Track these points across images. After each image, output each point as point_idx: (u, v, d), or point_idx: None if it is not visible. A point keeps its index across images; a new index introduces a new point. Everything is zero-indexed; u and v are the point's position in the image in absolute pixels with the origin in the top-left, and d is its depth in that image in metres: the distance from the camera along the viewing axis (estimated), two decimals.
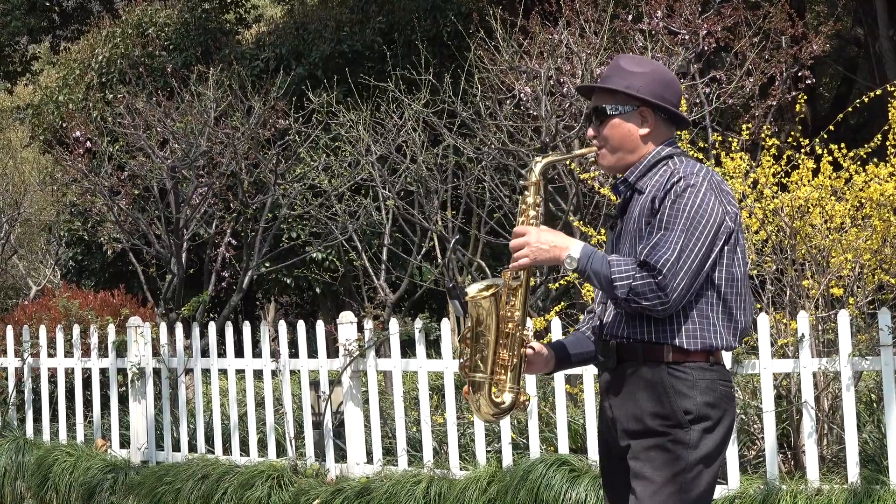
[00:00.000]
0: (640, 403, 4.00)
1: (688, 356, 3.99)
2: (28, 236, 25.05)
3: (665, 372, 3.98)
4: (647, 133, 4.18)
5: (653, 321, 3.99)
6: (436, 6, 21.84)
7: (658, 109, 4.18)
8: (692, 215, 3.93)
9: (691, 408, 3.96)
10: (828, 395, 8.16)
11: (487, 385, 4.17)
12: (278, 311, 28.08)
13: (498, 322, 4.14)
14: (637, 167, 4.18)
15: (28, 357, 11.42)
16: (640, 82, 4.17)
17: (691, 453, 3.95)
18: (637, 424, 4.00)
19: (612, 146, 4.21)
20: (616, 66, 4.27)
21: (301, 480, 9.21)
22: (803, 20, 12.94)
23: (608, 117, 4.20)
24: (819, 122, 20.93)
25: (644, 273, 3.89)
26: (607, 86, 4.22)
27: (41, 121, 23.12)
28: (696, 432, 3.95)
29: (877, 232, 7.97)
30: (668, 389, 3.96)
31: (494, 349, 4.15)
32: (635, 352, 4.03)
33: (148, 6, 24.06)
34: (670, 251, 3.88)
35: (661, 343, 3.99)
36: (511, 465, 8.40)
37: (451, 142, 11.89)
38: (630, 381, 4.04)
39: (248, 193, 12.72)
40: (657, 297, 3.87)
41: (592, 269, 3.98)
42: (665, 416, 3.95)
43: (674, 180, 3.99)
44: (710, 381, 4.01)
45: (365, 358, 9.26)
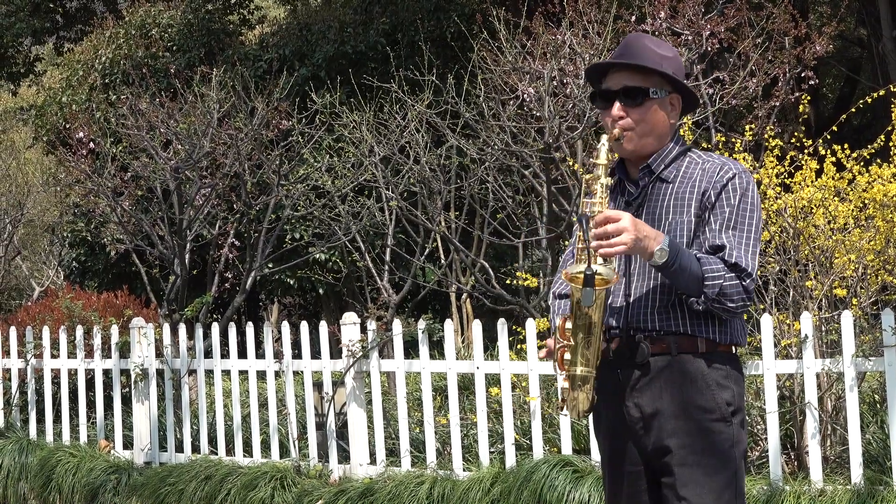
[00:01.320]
0: (680, 398, 3.88)
1: (717, 348, 3.92)
2: (31, 237, 25.07)
3: (703, 363, 3.89)
4: (674, 121, 4.09)
5: (687, 313, 3.91)
6: (439, 7, 21.84)
7: (684, 97, 4.10)
8: (758, 216, 3.90)
9: (731, 399, 3.90)
10: (831, 396, 8.16)
11: (592, 380, 3.93)
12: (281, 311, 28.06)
13: (602, 315, 3.90)
14: (660, 156, 4.05)
15: (31, 358, 11.43)
16: (672, 68, 4.05)
17: (736, 450, 3.91)
18: (678, 421, 3.87)
19: (643, 129, 4.03)
20: (642, 45, 4.08)
21: (304, 481, 9.22)
22: (806, 21, 12.92)
23: (649, 100, 4.02)
24: (822, 123, 20.92)
25: (733, 275, 3.82)
26: (650, 65, 4.02)
27: (44, 122, 23.13)
28: (736, 426, 3.90)
29: (880, 233, 7.97)
30: (709, 382, 3.88)
31: (599, 342, 3.91)
32: (668, 344, 3.91)
33: (151, 7, 24.07)
34: (751, 255, 3.85)
35: (694, 335, 3.90)
36: (514, 466, 8.39)
37: (454, 143, 11.89)
38: (664, 376, 3.91)
39: (251, 194, 12.73)
40: (742, 300, 3.85)
41: (681, 265, 3.79)
42: (709, 409, 3.86)
43: (728, 175, 3.91)
44: (738, 373, 3.97)
45: (368, 359, 9.26)
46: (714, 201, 3.89)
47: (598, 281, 3.79)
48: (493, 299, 11.95)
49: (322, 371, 9.58)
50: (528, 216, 12.52)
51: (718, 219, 3.88)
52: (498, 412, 9.47)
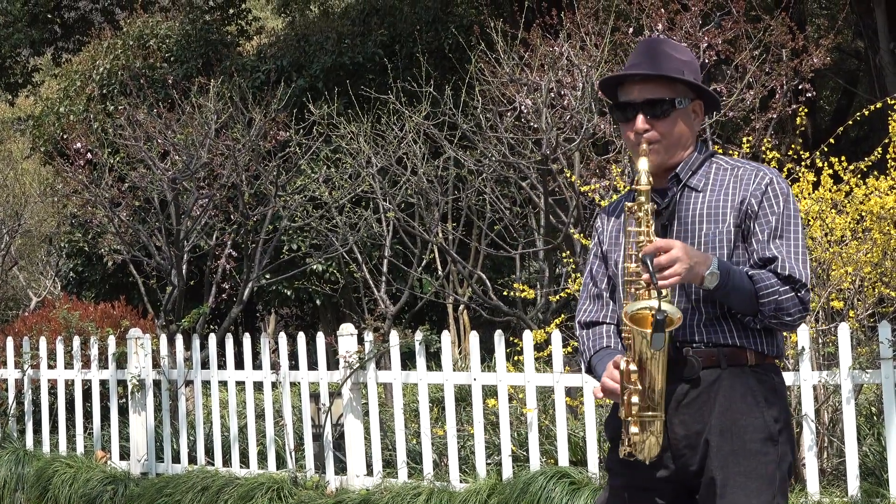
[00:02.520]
0: (728, 414, 3.71)
1: (765, 359, 3.79)
2: (28, 247, 25.05)
3: (752, 378, 3.75)
4: (698, 129, 3.94)
5: (734, 325, 3.76)
6: (437, 19, 21.88)
7: (708, 102, 3.96)
8: (800, 222, 3.78)
9: (778, 415, 3.74)
10: (828, 408, 8.16)
11: (660, 423, 3.72)
12: (278, 322, 28.07)
13: (667, 354, 3.69)
14: (687, 164, 3.88)
15: (28, 368, 11.42)
16: (693, 73, 3.89)
17: (781, 469, 3.72)
18: (723, 438, 3.70)
19: (670, 141, 3.86)
20: (661, 51, 3.92)
21: (301, 493, 9.21)
22: (804, 33, 12.93)
23: (675, 111, 3.85)
24: (819, 135, 20.93)
25: (787, 287, 3.68)
26: (676, 75, 3.86)
27: (42, 132, 23.14)
28: (784, 444, 3.74)
29: (877, 245, 7.97)
30: (758, 399, 3.72)
31: (663, 384, 3.71)
32: (717, 358, 3.75)
33: (149, 18, 24.11)
34: (802, 264, 3.72)
35: (743, 347, 3.75)
36: (511, 478, 8.39)
37: (451, 154, 11.90)
38: (713, 390, 3.74)
39: (248, 205, 12.73)
40: (799, 311, 3.70)
41: (733, 285, 3.64)
42: (759, 429, 3.69)
43: (766, 182, 3.77)
44: (783, 385, 3.84)
45: (365, 370, 9.26)
46: (757, 210, 3.75)
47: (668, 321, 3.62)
48: (490, 311, 11.96)
49: (319, 382, 9.57)
50: (526, 228, 12.53)
51: (765, 228, 3.74)
52: (495, 424, 9.47)
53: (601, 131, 10.71)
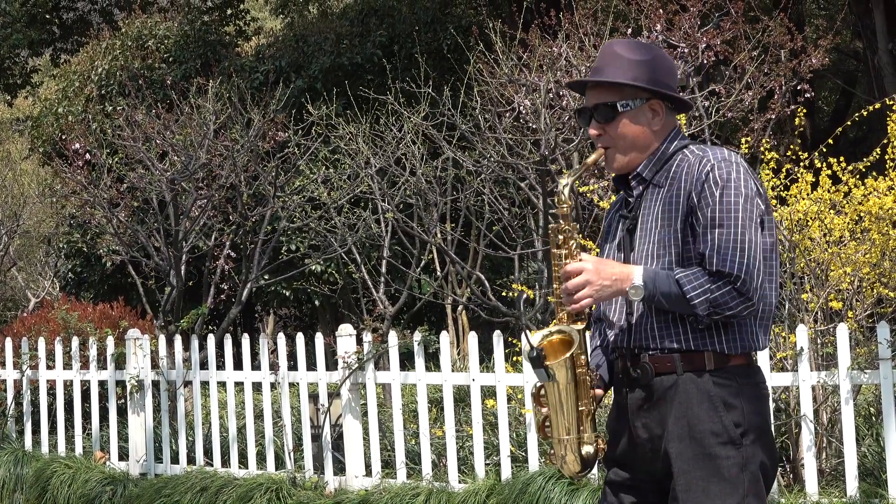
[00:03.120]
0: (685, 420, 3.69)
1: (728, 361, 3.71)
2: (27, 248, 25.06)
3: (710, 382, 3.69)
4: (659, 128, 3.87)
5: (691, 327, 3.71)
6: (436, 19, 21.89)
7: (667, 100, 3.88)
8: (745, 206, 3.66)
9: (739, 419, 3.67)
10: (826, 409, 8.16)
11: (577, 443, 3.84)
12: (277, 323, 28.08)
13: (576, 375, 3.81)
14: (651, 161, 3.86)
15: (27, 369, 11.41)
16: (646, 72, 3.83)
17: (747, 473, 3.66)
18: (682, 444, 3.69)
19: (623, 146, 3.87)
20: (612, 53, 3.90)
21: (300, 493, 9.21)
22: (802, 34, 12.95)
23: (619, 115, 3.85)
24: (818, 136, 20.94)
25: (720, 283, 3.61)
26: (616, 80, 3.85)
27: (41, 133, 23.14)
28: (748, 447, 3.67)
29: (875, 245, 7.98)
30: (716, 403, 3.67)
31: (576, 404, 3.81)
32: (673, 362, 3.72)
33: (148, 19, 24.11)
34: (738, 252, 3.61)
35: (700, 350, 3.70)
36: (510, 478, 8.39)
37: (450, 154, 11.90)
38: (669, 396, 3.73)
39: (247, 206, 12.72)
40: (741, 303, 3.62)
41: (661, 293, 3.64)
42: (717, 433, 3.65)
43: (707, 169, 3.69)
44: (753, 386, 3.74)
45: (364, 370, 9.26)
46: (698, 201, 3.70)
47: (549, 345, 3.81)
48: (488, 311, 11.95)
49: (318, 383, 9.57)
50: (524, 228, 12.53)
51: (702, 221, 3.68)
52: (494, 424, 9.47)
53: None
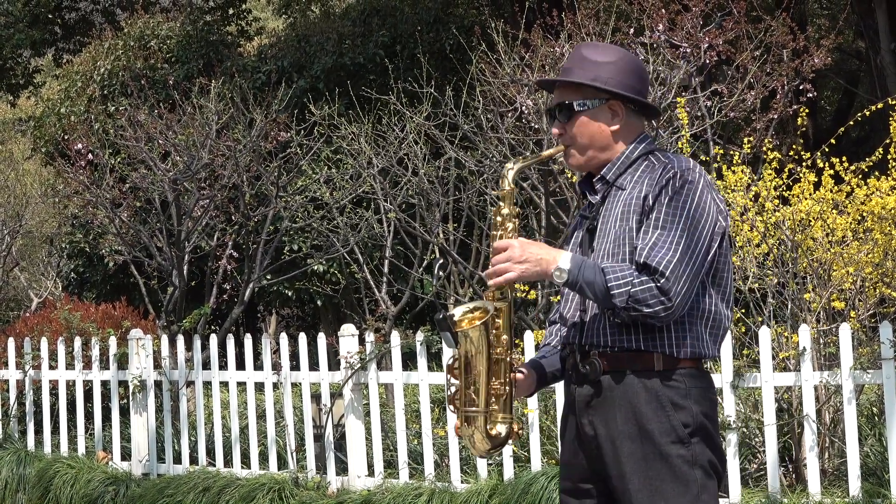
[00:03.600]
0: (634, 419, 3.69)
1: (677, 363, 3.71)
2: (30, 248, 25.06)
3: (659, 382, 3.69)
4: (618, 128, 3.89)
5: (641, 328, 3.71)
6: (438, 19, 21.89)
7: (628, 101, 3.90)
8: (692, 215, 3.66)
9: (688, 420, 3.68)
10: (829, 409, 8.16)
11: (483, 418, 3.86)
12: (280, 323, 28.08)
13: (489, 350, 3.82)
14: (614, 164, 3.89)
15: (29, 369, 11.42)
16: (608, 73, 3.86)
17: (697, 470, 3.67)
18: (633, 443, 3.69)
19: (581, 145, 3.91)
20: (578, 56, 3.95)
21: (302, 493, 9.21)
22: (805, 33, 12.94)
23: (576, 114, 3.90)
24: (820, 136, 20.93)
25: (644, 278, 3.60)
26: (572, 79, 3.91)
27: (43, 133, 23.14)
28: (696, 445, 3.68)
29: (878, 245, 7.98)
30: (663, 402, 3.67)
31: (487, 379, 3.84)
32: (622, 361, 3.73)
33: (150, 19, 24.10)
34: (672, 252, 3.61)
35: (650, 351, 3.70)
36: (512, 478, 8.39)
37: (452, 154, 11.90)
38: (618, 395, 3.73)
39: (249, 206, 12.73)
40: (660, 302, 3.59)
41: (585, 280, 3.64)
42: (666, 432, 3.65)
43: (668, 175, 3.71)
44: (702, 389, 3.74)
45: (366, 370, 9.26)
46: (653, 204, 3.71)
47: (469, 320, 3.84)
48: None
49: (320, 383, 9.57)
50: (527, 228, 12.52)
51: (650, 220, 3.70)
52: None
53: None
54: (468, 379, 3.86)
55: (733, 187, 8.43)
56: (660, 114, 3.92)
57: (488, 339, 3.83)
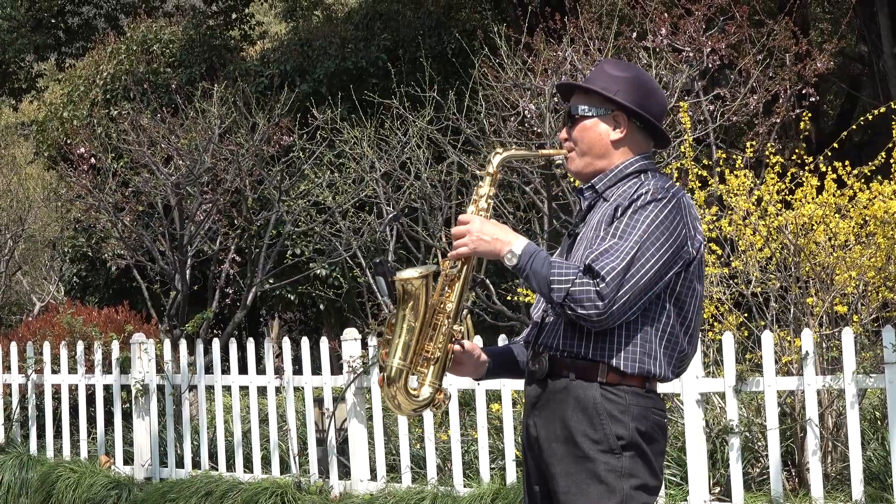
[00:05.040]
0: (569, 424, 3.73)
1: (623, 378, 3.72)
2: (32, 252, 25.06)
3: (598, 392, 3.71)
4: (619, 139, 3.94)
5: (591, 336, 3.73)
6: (440, 23, 21.89)
7: (633, 116, 3.94)
8: (650, 229, 3.68)
9: (623, 433, 3.69)
10: (832, 413, 8.16)
11: (405, 373, 3.88)
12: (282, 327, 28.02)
13: (426, 309, 3.87)
14: (607, 175, 3.94)
15: (32, 373, 11.42)
16: (619, 86, 3.94)
17: (626, 481, 3.68)
18: (566, 446, 3.73)
19: (581, 149, 3.98)
20: (600, 69, 4.06)
21: (305, 497, 9.21)
22: (807, 38, 12.95)
23: (580, 118, 3.98)
24: (823, 140, 20.92)
25: (586, 279, 3.62)
26: (584, 85, 4.01)
27: (46, 137, 23.14)
28: (627, 459, 3.69)
29: (881, 249, 7.98)
30: (600, 412, 3.69)
31: (418, 338, 3.88)
32: (568, 367, 3.77)
33: (153, 23, 24.12)
34: (618, 260, 3.62)
35: (596, 361, 3.73)
36: (515, 482, 8.38)
37: (455, 159, 11.90)
38: (559, 399, 3.78)
39: (252, 210, 12.74)
40: (594, 306, 3.59)
41: (532, 269, 3.71)
42: (596, 440, 3.69)
43: (641, 192, 3.76)
44: (644, 409, 3.74)
45: (369, 374, 9.26)
46: (620, 216, 3.76)
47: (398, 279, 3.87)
48: (493, 315, 11.95)
49: (323, 387, 9.58)
50: (529, 232, 12.52)
51: (608, 230, 3.74)
52: (499, 428, 9.46)
53: None
54: (399, 332, 3.90)
55: (736, 191, 8.43)
56: (670, 142, 3.97)
57: (427, 300, 3.88)
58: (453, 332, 3.92)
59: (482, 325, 15.03)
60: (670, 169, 9.58)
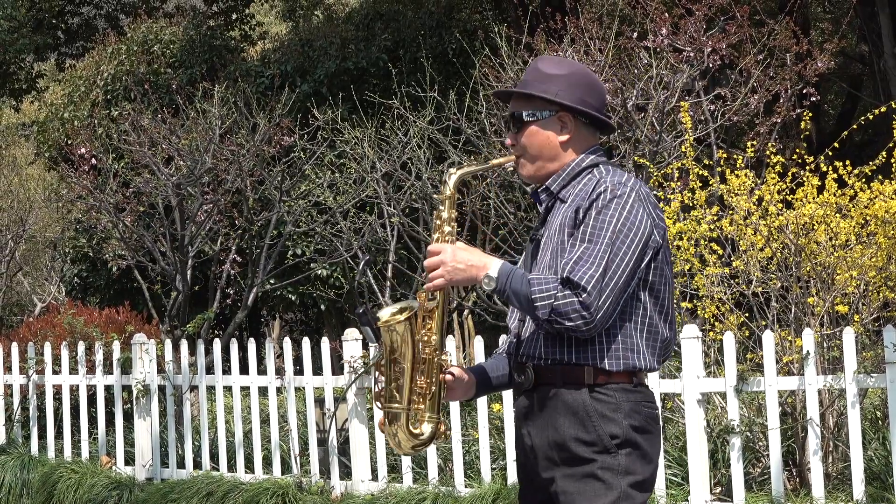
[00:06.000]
0: (561, 430, 3.74)
1: (610, 377, 3.74)
2: (33, 253, 25.05)
3: (587, 395, 3.73)
4: (567, 140, 3.93)
5: (573, 341, 3.75)
6: (441, 23, 21.89)
7: (578, 114, 3.94)
8: (618, 228, 3.69)
9: (617, 432, 3.71)
10: (833, 413, 8.16)
11: (405, 416, 3.90)
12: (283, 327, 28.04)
13: (414, 347, 3.87)
14: (559, 175, 3.94)
15: (33, 374, 11.42)
16: (559, 86, 3.92)
17: (623, 479, 3.70)
18: (561, 452, 3.75)
19: (530, 155, 3.96)
20: (534, 69, 4.02)
21: (306, 498, 9.21)
22: (808, 37, 12.95)
23: (525, 124, 3.95)
24: (824, 140, 20.92)
25: (567, 292, 3.62)
26: (523, 90, 3.97)
27: (46, 137, 23.15)
28: (623, 457, 3.71)
29: (882, 249, 7.98)
30: (591, 414, 3.72)
31: (411, 376, 3.89)
32: (554, 374, 3.79)
33: (153, 23, 24.12)
34: (595, 267, 3.63)
35: (581, 364, 3.75)
36: (516, 482, 8.38)
37: (455, 159, 11.90)
38: (549, 406, 3.79)
39: (253, 210, 12.73)
40: (581, 317, 3.61)
41: (512, 289, 3.71)
42: (591, 443, 3.71)
43: (599, 190, 3.76)
44: (635, 403, 3.76)
45: (370, 375, 9.26)
46: (583, 218, 3.75)
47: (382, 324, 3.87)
48: (494, 315, 11.94)
49: (324, 387, 9.58)
50: (530, 232, 12.53)
51: (576, 234, 3.74)
52: (500, 428, 9.46)
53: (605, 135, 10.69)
54: (391, 374, 3.91)
55: (737, 191, 8.43)
56: (614, 129, 3.98)
57: (413, 337, 3.88)
58: (442, 363, 3.92)
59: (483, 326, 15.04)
60: (671, 169, 9.59)
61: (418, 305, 3.90)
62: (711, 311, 8.39)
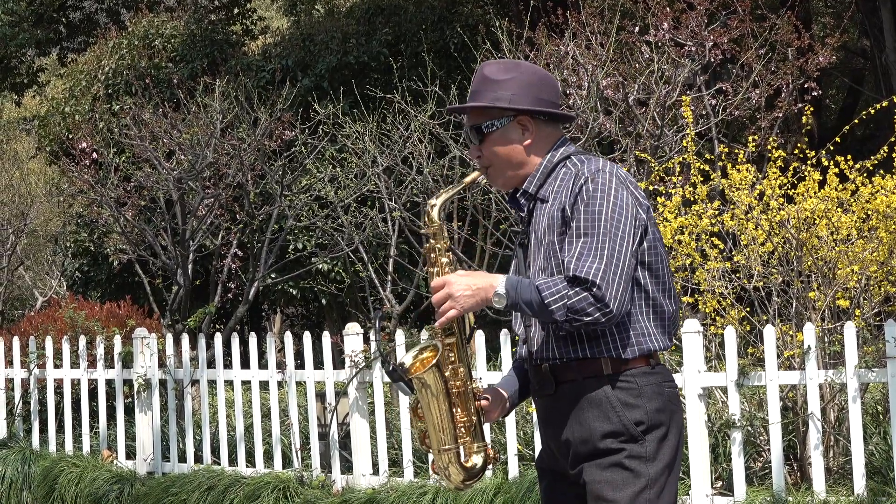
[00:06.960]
0: (587, 424, 3.76)
1: (627, 364, 3.77)
2: (34, 247, 25.05)
3: (608, 386, 3.76)
4: (531, 143, 3.92)
5: (584, 336, 3.77)
6: (442, 18, 21.87)
7: (537, 114, 3.92)
8: (610, 216, 3.70)
9: (642, 417, 3.73)
10: (834, 407, 8.16)
11: (455, 454, 3.93)
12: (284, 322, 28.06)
13: (447, 387, 3.89)
14: (534, 177, 3.92)
15: (34, 368, 11.43)
16: (510, 90, 3.89)
17: (651, 466, 3.72)
18: (588, 447, 3.76)
19: (499, 164, 3.95)
20: (481, 77, 3.98)
21: (307, 492, 9.21)
22: (809, 32, 12.95)
23: (486, 136, 3.93)
24: (825, 134, 20.91)
25: (577, 289, 3.63)
26: (475, 103, 3.95)
27: (48, 132, 23.13)
28: (651, 443, 3.73)
29: (883, 244, 7.97)
30: (614, 404, 3.74)
31: (451, 415, 3.91)
32: (572, 371, 3.81)
33: (154, 18, 24.10)
34: (598, 259, 3.64)
35: (597, 357, 3.77)
36: (517, 477, 8.39)
37: (457, 153, 11.89)
38: (572, 403, 3.80)
39: (254, 204, 12.73)
40: (598, 309, 3.62)
41: (523, 300, 3.69)
42: (617, 433, 3.73)
43: (581, 182, 3.76)
44: (656, 385, 3.79)
45: (371, 369, 9.26)
46: (571, 213, 3.76)
47: (421, 362, 3.90)
48: (495, 310, 11.94)
49: (325, 381, 9.58)
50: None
51: (572, 231, 3.74)
52: (501, 423, 9.47)
53: (606, 130, 10.70)
54: (433, 420, 3.93)
55: (738, 186, 8.43)
56: (573, 118, 4.00)
57: (444, 378, 3.90)
58: (475, 392, 3.95)
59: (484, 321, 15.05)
60: (673, 163, 9.59)
61: (440, 343, 3.90)
62: (712, 305, 8.39)
